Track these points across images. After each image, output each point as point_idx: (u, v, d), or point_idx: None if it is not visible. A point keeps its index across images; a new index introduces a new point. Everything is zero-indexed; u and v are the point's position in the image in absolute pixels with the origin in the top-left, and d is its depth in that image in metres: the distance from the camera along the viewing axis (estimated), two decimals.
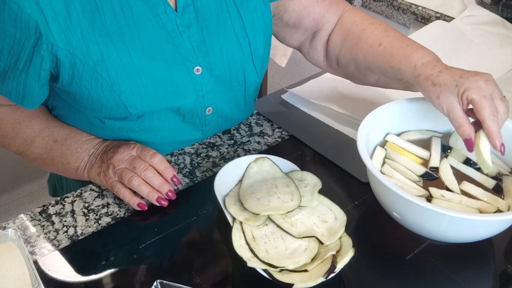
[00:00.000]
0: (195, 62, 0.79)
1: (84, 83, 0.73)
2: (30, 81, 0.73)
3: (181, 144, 0.88)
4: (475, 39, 1.25)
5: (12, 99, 0.76)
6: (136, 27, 0.73)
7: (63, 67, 0.72)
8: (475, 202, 0.68)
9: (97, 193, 0.78)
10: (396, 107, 0.77)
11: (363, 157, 0.66)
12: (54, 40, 0.69)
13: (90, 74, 0.72)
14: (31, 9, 0.66)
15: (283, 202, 0.67)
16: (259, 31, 0.84)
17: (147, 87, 0.75)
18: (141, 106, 0.77)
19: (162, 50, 0.76)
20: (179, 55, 0.77)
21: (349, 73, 0.91)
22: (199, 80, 0.80)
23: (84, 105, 0.77)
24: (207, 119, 0.86)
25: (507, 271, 0.67)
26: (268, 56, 0.91)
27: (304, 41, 0.96)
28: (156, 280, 0.58)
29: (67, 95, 0.79)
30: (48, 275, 0.65)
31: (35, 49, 0.69)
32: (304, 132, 0.91)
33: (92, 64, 0.71)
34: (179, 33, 0.77)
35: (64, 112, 0.84)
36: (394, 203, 0.66)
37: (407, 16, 1.57)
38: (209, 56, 0.80)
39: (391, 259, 0.68)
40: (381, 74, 0.83)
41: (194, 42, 0.78)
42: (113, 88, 0.74)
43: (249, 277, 0.65)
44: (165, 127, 0.83)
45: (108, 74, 0.73)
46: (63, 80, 0.74)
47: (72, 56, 0.70)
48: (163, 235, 0.71)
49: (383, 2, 1.66)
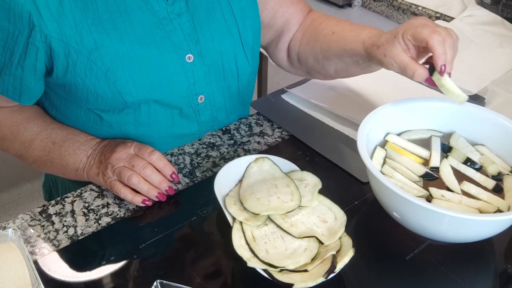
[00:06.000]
0: (186, 50, 0.81)
1: (78, 73, 0.74)
2: (27, 75, 0.74)
3: (179, 139, 0.88)
4: (475, 39, 1.25)
5: (9, 96, 0.77)
6: (128, 14, 0.74)
7: (57, 57, 0.72)
8: (475, 202, 0.68)
9: (97, 193, 0.78)
10: (396, 107, 0.77)
11: (363, 157, 0.66)
12: (47, 30, 0.70)
13: (84, 63, 0.73)
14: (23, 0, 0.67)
15: (283, 202, 0.67)
16: (248, 19, 0.87)
17: (140, 74, 0.77)
18: (135, 94, 0.77)
19: (154, 37, 0.77)
20: (171, 42, 0.79)
21: (309, 67, 0.95)
22: (190, 67, 0.82)
23: (79, 97, 0.78)
24: (200, 107, 0.87)
25: (507, 271, 0.67)
26: (259, 44, 0.94)
27: (271, 41, 1.00)
28: (156, 280, 0.58)
29: (62, 89, 0.79)
30: (48, 275, 0.65)
31: (29, 41, 0.70)
32: (304, 132, 0.91)
33: (86, 52, 0.72)
34: (170, 21, 0.78)
35: (62, 109, 0.84)
36: (394, 203, 0.66)
37: (407, 16, 1.57)
38: (200, 44, 0.82)
39: (391, 259, 0.68)
40: (337, 60, 0.87)
41: (185, 30, 0.80)
42: (107, 75, 0.75)
43: (249, 277, 0.65)
44: (161, 120, 0.84)
45: (102, 62, 0.74)
46: (58, 72, 0.74)
47: (65, 45, 0.71)
48: (163, 235, 0.71)
49: (383, 2, 1.66)
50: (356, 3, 1.81)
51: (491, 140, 0.76)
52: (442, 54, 0.67)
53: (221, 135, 0.91)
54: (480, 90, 1.04)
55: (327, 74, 0.93)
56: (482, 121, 0.76)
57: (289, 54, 0.98)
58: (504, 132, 0.74)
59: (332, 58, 0.88)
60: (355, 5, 1.82)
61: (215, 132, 0.92)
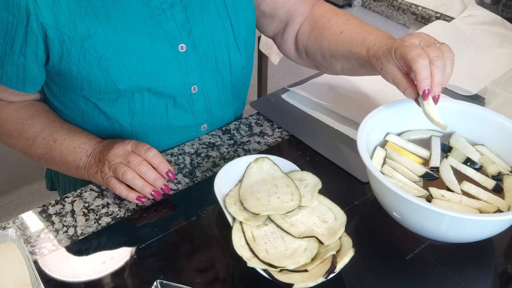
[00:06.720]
0: (179, 39, 0.81)
1: (72, 60, 0.75)
2: (29, 63, 0.76)
3: (175, 131, 0.89)
4: (475, 39, 1.25)
5: (13, 86, 0.78)
6: (121, 3, 0.75)
7: (52, 45, 0.74)
8: (475, 202, 0.68)
9: (97, 193, 0.78)
10: (396, 107, 0.77)
11: (363, 157, 0.66)
12: (43, 18, 0.71)
13: (77, 50, 0.74)
14: None
15: (283, 202, 0.67)
16: (240, 12, 0.88)
17: (133, 61, 0.78)
18: (128, 81, 0.78)
19: (147, 26, 0.78)
20: (163, 32, 0.80)
21: (317, 62, 0.95)
22: (183, 57, 0.83)
23: (75, 84, 0.79)
24: (194, 98, 0.87)
25: (507, 271, 0.67)
26: (254, 38, 0.95)
27: (277, 32, 1.01)
28: (156, 280, 0.58)
29: (58, 77, 0.80)
30: (48, 275, 0.65)
31: (28, 29, 0.72)
32: (304, 132, 0.91)
33: (79, 40, 0.74)
34: (163, 11, 0.79)
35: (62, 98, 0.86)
36: (394, 203, 0.66)
37: (407, 16, 1.57)
38: (193, 34, 0.83)
39: (391, 259, 0.68)
40: (344, 61, 0.87)
41: (178, 20, 0.81)
42: (100, 63, 0.76)
43: (249, 277, 0.65)
44: (155, 109, 0.84)
45: (95, 49, 0.75)
46: (53, 59, 0.76)
47: (60, 33, 0.73)
48: (163, 235, 0.71)
49: (383, 2, 1.66)
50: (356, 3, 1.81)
51: (491, 140, 0.76)
52: (425, 79, 0.66)
53: (221, 135, 0.91)
54: (480, 90, 1.04)
55: (334, 71, 0.94)
56: (482, 121, 0.76)
57: (297, 46, 0.99)
58: (504, 132, 0.74)
59: (339, 58, 0.88)
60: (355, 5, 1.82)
61: (215, 132, 0.92)
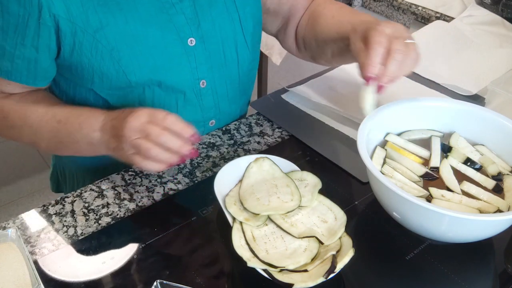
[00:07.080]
0: (188, 33, 0.82)
1: (84, 52, 0.75)
2: (41, 55, 0.75)
3: None
4: (475, 39, 1.25)
5: (23, 80, 0.78)
6: None
7: (64, 37, 0.74)
8: (475, 202, 0.68)
9: (97, 193, 0.78)
10: (396, 107, 0.77)
11: (363, 157, 0.66)
12: (55, 9, 0.71)
13: (90, 42, 0.75)
14: None
15: (283, 202, 0.67)
16: (248, 7, 0.89)
17: (144, 53, 0.78)
18: (139, 73, 0.78)
19: (157, 19, 0.79)
20: (173, 25, 0.80)
21: (313, 51, 0.97)
22: (192, 51, 0.83)
23: (86, 78, 0.79)
24: (203, 92, 0.88)
25: (507, 271, 0.67)
26: (260, 33, 0.96)
27: (280, 29, 1.02)
28: (156, 280, 0.58)
29: (69, 71, 0.80)
30: (48, 275, 0.65)
31: (40, 21, 0.72)
32: (304, 132, 0.91)
33: (91, 31, 0.74)
34: (172, 5, 0.80)
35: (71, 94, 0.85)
36: (394, 203, 0.66)
37: (407, 16, 1.57)
38: (202, 29, 0.83)
39: (391, 259, 0.68)
40: (333, 44, 0.89)
41: (187, 14, 0.81)
42: (112, 54, 0.76)
43: (249, 277, 0.65)
44: (165, 105, 0.84)
45: (107, 40, 0.75)
46: (65, 52, 0.76)
47: (72, 25, 0.73)
48: (163, 235, 0.71)
49: (383, 2, 1.66)
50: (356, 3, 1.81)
51: (491, 140, 0.76)
52: (372, 66, 0.68)
53: (221, 135, 0.91)
54: (480, 90, 1.04)
55: (327, 58, 0.95)
56: (482, 121, 0.76)
57: (297, 40, 1.00)
58: (504, 132, 0.74)
59: (328, 42, 0.90)
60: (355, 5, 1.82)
61: (215, 132, 0.92)
